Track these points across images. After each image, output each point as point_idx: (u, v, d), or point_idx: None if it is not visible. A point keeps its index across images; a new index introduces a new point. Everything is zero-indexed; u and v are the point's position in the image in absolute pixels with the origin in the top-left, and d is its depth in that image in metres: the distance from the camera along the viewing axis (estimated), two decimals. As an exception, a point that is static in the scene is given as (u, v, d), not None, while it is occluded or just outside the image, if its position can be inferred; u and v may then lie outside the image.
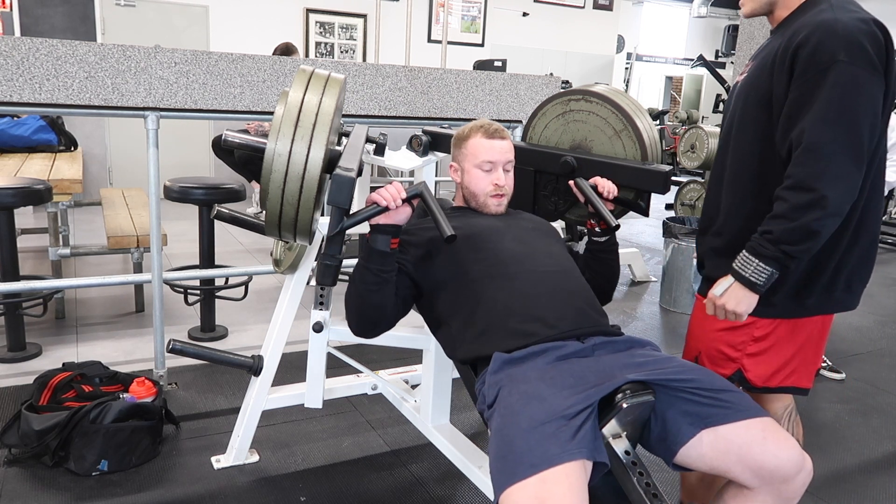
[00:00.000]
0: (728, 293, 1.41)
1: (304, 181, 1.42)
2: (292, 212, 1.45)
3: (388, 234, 1.49)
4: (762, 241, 1.35)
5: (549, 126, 2.05)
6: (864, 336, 3.82)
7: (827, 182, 1.28)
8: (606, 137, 1.92)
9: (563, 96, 2.03)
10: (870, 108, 1.31)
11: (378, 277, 1.51)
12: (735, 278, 1.39)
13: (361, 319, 1.58)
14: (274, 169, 1.41)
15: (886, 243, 6.33)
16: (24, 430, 2.13)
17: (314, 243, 2.07)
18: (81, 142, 5.20)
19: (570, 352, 1.41)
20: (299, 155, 1.42)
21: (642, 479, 1.32)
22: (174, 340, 1.98)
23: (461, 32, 8.34)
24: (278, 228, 1.50)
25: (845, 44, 1.29)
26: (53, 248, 3.39)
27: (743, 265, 1.38)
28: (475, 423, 2.52)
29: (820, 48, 1.30)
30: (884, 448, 2.55)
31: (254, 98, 2.66)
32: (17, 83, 2.31)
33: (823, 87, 1.29)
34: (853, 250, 1.44)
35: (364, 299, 1.54)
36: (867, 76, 1.29)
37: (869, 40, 1.30)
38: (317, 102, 1.46)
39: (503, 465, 1.21)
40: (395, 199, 1.47)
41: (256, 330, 3.34)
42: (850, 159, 1.29)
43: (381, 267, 1.51)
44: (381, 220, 1.49)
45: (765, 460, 1.25)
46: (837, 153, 1.28)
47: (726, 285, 1.41)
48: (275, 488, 2.09)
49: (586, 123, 1.97)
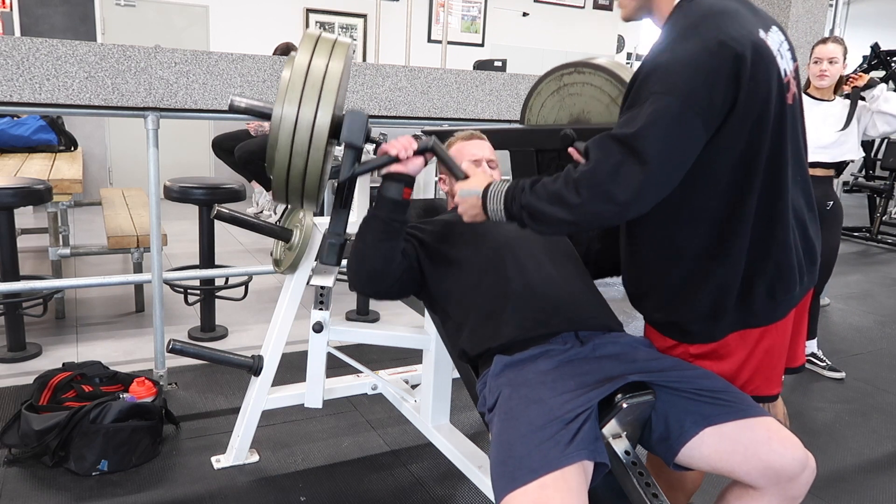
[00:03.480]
0: (468, 201, 1.41)
1: (311, 145, 1.40)
2: (299, 176, 1.43)
3: (401, 183, 1.49)
4: (517, 196, 1.32)
5: (545, 105, 2.02)
6: (864, 336, 3.82)
7: (592, 198, 1.22)
8: (604, 106, 1.89)
9: (555, 72, 2.00)
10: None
11: (387, 227, 1.50)
12: (481, 197, 1.39)
13: (362, 269, 1.54)
14: (281, 133, 1.40)
15: (886, 243, 6.34)
16: (24, 430, 2.13)
17: (314, 243, 2.07)
18: (81, 142, 5.20)
19: (571, 354, 1.41)
20: (306, 119, 1.40)
21: (642, 479, 1.32)
22: (174, 340, 1.98)
23: (461, 32, 8.34)
24: (285, 193, 1.48)
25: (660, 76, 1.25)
26: (53, 248, 3.39)
27: (492, 198, 1.37)
28: (475, 423, 2.52)
29: (640, 84, 1.27)
30: (884, 448, 2.55)
31: (254, 98, 2.65)
32: (17, 83, 2.31)
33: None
34: (767, 261, 1.35)
35: (370, 249, 1.51)
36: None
37: None
38: (324, 66, 1.44)
39: (503, 470, 1.21)
40: (406, 149, 1.48)
41: (256, 330, 3.34)
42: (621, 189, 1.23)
43: (392, 216, 1.50)
44: (394, 169, 1.49)
45: (771, 459, 1.25)
46: (617, 176, 1.22)
47: (471, 193, 1.41)
48: (275, 488, 2.09)
49: (582, 95, 1.93)
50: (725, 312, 1.35)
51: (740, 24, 1.24)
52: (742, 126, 1.24)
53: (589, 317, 1.50)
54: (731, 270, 1.32)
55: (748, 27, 1.25)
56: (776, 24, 1.36)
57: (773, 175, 1.31)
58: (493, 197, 1.37)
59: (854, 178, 7.01)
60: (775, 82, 1.27)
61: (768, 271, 1.34)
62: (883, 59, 6.81)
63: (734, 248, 1.31)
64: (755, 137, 1.26)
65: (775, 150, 1.30)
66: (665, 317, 1.43)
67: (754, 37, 1.24)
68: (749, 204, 1.30)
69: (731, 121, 1.23)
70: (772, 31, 1.31)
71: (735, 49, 1.19)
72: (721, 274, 1.32)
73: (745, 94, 1.21)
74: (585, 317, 1.49)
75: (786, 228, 1.34)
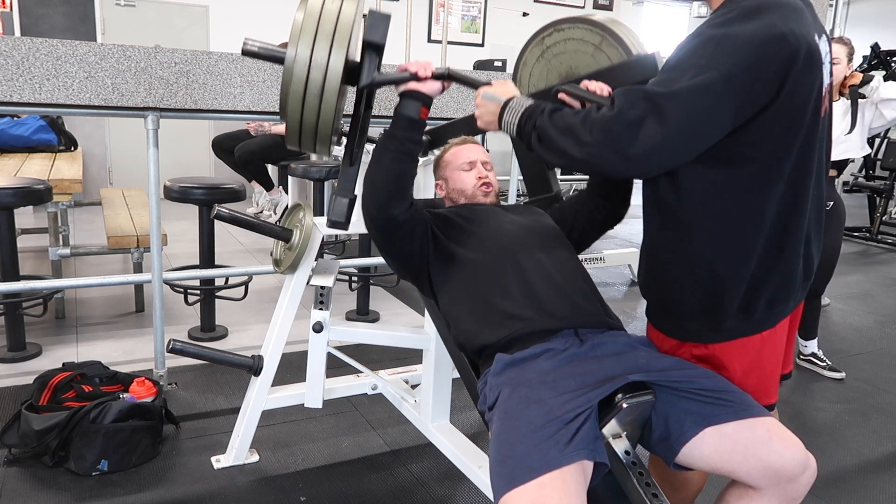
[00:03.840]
0: (487, 107, 1.44)
1: (324, 87, 1.40)
2: (313, 118, 1.43)
3: (418, 101, 1.50)
4: (534, 115, 1.33)
5: (533, 73, 1.99)
6: (864, 336, 3.82)
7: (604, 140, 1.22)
8: (589, 56, 1.86)
9: (536, 37, 1.96)
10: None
11: (402, 146, 1.50)
12: (502, 106, 1.41)
13: (375, 188, 1.53)
14: (294, 75, 1.39)
15: (886, 243, 6.34)
16: (24, 430, 2.13)
17: (314, 243, 2.07)
18: (81, 142, 5.20)
19: (571, 353, 1.41)
20: (320, 59, 1.39)
21: (642, 479, 1.32)
22: (174, 340, 1.98)
23: (461, 32, 8.34)
24: (298, 137, 1.48)
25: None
26: (53, 248, 3.39)
27: (511, 110, 1.39)
28: (475, 423, 2.52)
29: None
30: (884, 448, 2.55)
31: (254, 98, 2.66)
32: (17, 83, 2.31)
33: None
34: (775, 271, 1.34)
35: (384, 167, 1.51)
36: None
37: None
38: (336, 9, 1.43)
39: (502, 469, 1.21)
40: (425, 69, 1.50)
41: (256, 330, 3.34)
42: (628, 141, 1.22)
43: (408, 134, 1.51)
44: (412, 87, 1.50)
45: (771, 460, 1.25)
46: (626, 128, 1.21)
47: (493, 99, 1.43)
48: (275, 488, 2.09)
49: (566, 52, 1.90)
50: (726, 317, 1.34)
51: (802, 23, 1.23)
52: (771, 127, 1.22)
53: (589, 315, 1.50)
54: (739, 275, 1.31)
55: (808, 28, 1.24)
56: (826, 34, 1.34)
57: (795, 186, 1.29)
58: (512, 110, 1.39)
59: (854, 178, 7.00)
60: (815, 91, 1.26)
61: (774, 280, 1.34)
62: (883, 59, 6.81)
63: (744, 253, 1.30)
64: (781, 143, 1.24)
65: (802, 160, 1.28)
66: (665, 311, 1.42)
67: (810, 39, 1.23)
68: (768, 211, 1.28)
69: (762, 117, 1.21)
70: (822, 39, 1.30)
71: (792, 45, 1.18)
72: (728, 276, 1.32)
73: (786, 94, 1.20)
74: (585, 315, 1.49)
75: (798, 241, 1.34)
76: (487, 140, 7.25)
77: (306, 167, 3.98)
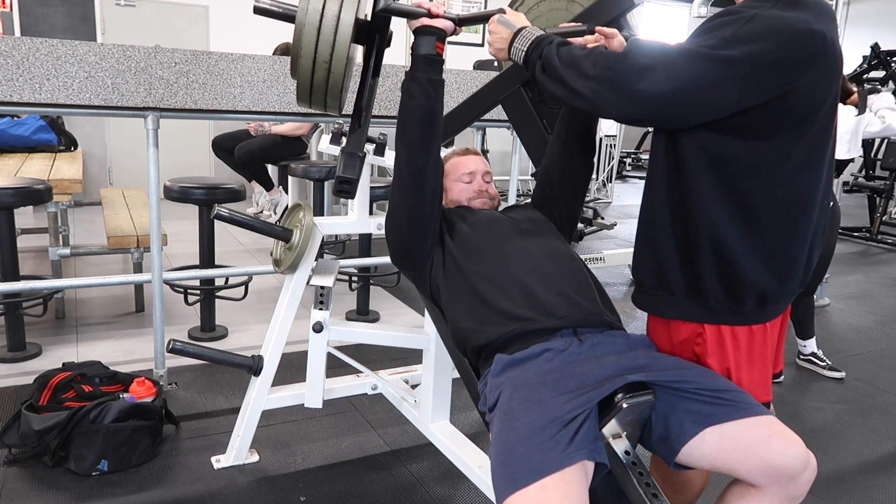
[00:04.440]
0: (500, 34, 1.47)
1: (335, 43, 1.42)
2: (324, 75, 1.46)
3: (433, 36, 1.52)
4: (541, 47, 1.36)
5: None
6: (864, 336, 3.82)
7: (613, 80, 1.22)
8: (563, 11, 1.87)
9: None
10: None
11: (425, 89, 1.51)
12: (516, 30, 1.44)
13: (407, 132, 1.54)
14: (305, 29, 1.41)
15: (886, 243, 6.34)
16: (24, 430, 2.13)
17: (314, 243, 2.06)
18: (81, 142, 5.20)
19: (571, 353, 1.41)
20: (331, 14, 1.41)
21: (642, 479, 1.32)
22: (174, 340, 1.98)
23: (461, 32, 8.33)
24: (309, 94, 1.50)
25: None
26: (53, 248, 3.39)
27: (523, 37, 1.41)
28: (475, 423, 2.52)
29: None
30: (884, 448, 2.55)
31: (254, 98, 2.66)
32: (17, 83, 2.31)
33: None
34: (770, 271, 1.35)
35: (411, 110, 1.52)
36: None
37: None
38: None
39: (504, 471, 1.21)
40: (437, 7, 1.52)
41: (256, 330, 3.34)
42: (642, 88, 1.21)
43: (427, 74, 1.52)
44: (426, 22, 1.52)
45: (772, 458, 1.25)
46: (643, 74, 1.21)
47: (510, 27, 1.46)
48: (275, 488, 2.09)
49: (541, 15, 1.92)
50: (715, 301, 1.35)
51: (833, 28, 1.25)
52: (781, 120, 1.22)
53: (589, 314, 1.50)
54: (739, 264, 1.32)
55: (835, 33, 1.26)
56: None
57: (799, 188, 1.30)
58: (522, 37, 1.41)
59: (854, 178, 7.01)
60: (831, 94, 1.26)
61: (768, 279, 1.34)
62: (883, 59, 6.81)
63: (741, 246, 1.31)
64: (787, 139, 1.25)
65: (810, 161, 1.28)
66: (657, 285, 1.42)
67: (837, 45, 1.25)
68: (771, 207, 1.29)
69: (771, 106, 1.21)
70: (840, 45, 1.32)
71: (819, 45, 1.19)
72: (724, 262, 1.32)
73: (804, 88, 1.20)
74: (585, 314, 1.49)
75: (802, 245, 1.35)
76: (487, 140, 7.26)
77: (306, 167, 3.98)
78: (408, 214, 1.59)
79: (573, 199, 1.79)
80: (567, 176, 1.75)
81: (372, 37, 1.60)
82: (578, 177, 1.76)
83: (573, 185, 1.77)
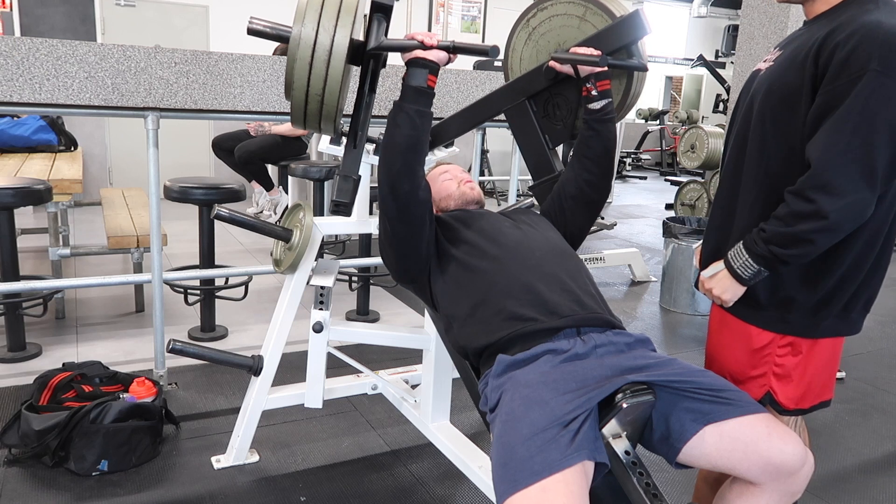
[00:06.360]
0: (716, 278, 1.42)
1: (329, 63, 1.41)
2: (318, 99, 1.45)
3: (426, 69, 1.51)
4: (756, 237, 1.34)
5: (523, 57, 1.98)
6: (864, 336, 3.80)
7: (828, 196, 1.23)
8: (575, 29, 1.86)
9: (521, 21, 1.96)
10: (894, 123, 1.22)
11: (412, 120, 1.50)
12: (725, 266, 1.40)
13: (389, 158, 1.53)
14: (300, 52, 1.41)
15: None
16: (24, 430, 2.13)
17: (314, 243, 2.07)
18: (81, 142, 5.20)
19: (572, 354, 1.41)
20: (325, 37, 1.40)
21: (642, 479, 1.32)
22: (174, 340, 1.98)
23: (461, 32, 8.34)
24: (304, 115, 1.49)
25: (881, 50, 1.20)
26: (53, 248, 3.39)
27: (734, 256, 1.38)
28: (475, 423, 2.52)
29: (855, 53, 1.21)
30: (884, 448, 2.55)
31: (254, 98, 2.66)
32: (17, 83, 2.31)
33: (848, 97, 1.22)
34: (876, 274, 1.41)
35: (396, 142, 1.51)
36: None
37: None
38: None
39: (505, 472, 1.21)
40: (431, 38, 1.52)
41: (256, 330, 3.34)
42: (859, 175, 1.22)
43: (417, 106, 1.51)
44: (419, 54, 1.51)
45: (771, 455, 1.26)
46: (846, 167, 1.22)
47: (715, 270, 1.43)
48: (275, 488, 2.09)
49: (552, 30, 1.91)
50: (828, 316, 1.40)
51: None
52: None
53: (592, 313, 1.50)
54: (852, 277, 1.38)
55: None
56: None
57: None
58: (735, 255, 1.39)
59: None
60: None
61: (873, 285, 1.42)
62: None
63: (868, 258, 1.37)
64: None
65: None
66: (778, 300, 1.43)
67: None
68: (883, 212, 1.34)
69: None
70: None
71: None
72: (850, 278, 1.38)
73: None
74: (589, 313, 1.49)
75: (892, 245, 1.41)
76: (487, 140, 7.26)
77: (306, 167, 3.98)
78: (398, 241, 1.59)
79: (585, 219, 1.78)
80: (585, 192, 1.75)
81: (367, 59, 1.58)
82: (594, 199, 1.76)
83: (587, 204, 1.77)
